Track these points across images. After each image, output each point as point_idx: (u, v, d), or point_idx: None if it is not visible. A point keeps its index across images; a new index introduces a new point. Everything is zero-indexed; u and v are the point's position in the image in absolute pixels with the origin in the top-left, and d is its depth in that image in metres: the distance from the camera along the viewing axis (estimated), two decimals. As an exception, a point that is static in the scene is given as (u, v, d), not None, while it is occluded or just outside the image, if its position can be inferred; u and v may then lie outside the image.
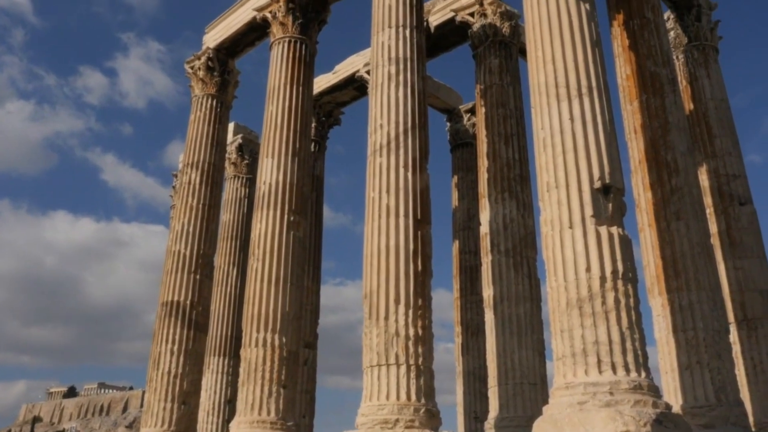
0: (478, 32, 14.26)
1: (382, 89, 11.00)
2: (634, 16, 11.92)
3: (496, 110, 13.34)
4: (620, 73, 12.10)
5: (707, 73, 13.92)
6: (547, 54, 8.96)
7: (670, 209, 10.80)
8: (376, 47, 11.51)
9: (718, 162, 13.23)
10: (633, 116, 11.65)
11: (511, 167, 12.81)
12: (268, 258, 12.17)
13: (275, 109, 13.35)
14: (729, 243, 12.68)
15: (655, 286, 10.81)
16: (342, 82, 17.98)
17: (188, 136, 15.95)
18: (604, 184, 8.17)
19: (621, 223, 8.21)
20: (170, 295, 14.25)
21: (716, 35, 14.50)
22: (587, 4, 9.21)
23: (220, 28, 16.35)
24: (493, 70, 13.75)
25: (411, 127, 10.68)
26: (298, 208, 12.75)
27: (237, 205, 19.17)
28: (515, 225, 12.34)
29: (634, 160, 11.62)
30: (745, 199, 13.04)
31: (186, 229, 14.77)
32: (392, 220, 10.03)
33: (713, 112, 13.60)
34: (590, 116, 8.46)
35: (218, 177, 15.81)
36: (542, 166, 8.63)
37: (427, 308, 9.81)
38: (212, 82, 16.26)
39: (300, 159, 13.08)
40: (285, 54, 13.82)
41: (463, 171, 17.79)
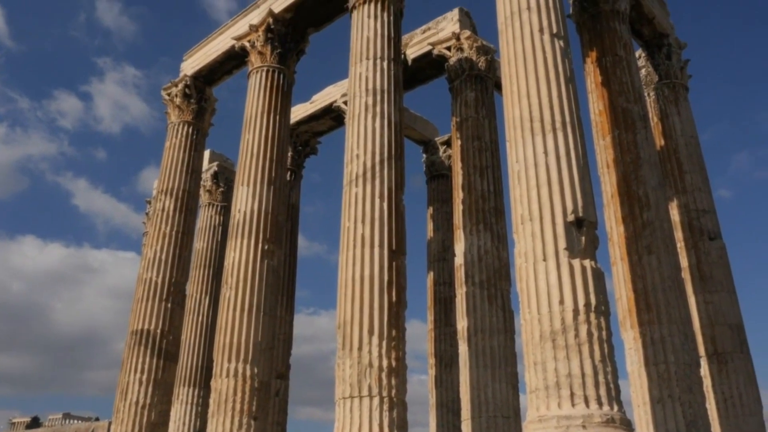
0: (455, 66, 14.46)
1: (359, 120, 11.07)
2: (607, 53, 12.18)
3: (472, 143, 13.47)
4: (593, 109, 12.32)
5: (677, 111, 14.22)
6: (522, 89, 9.10)
7: (641, 243, 10.93)
8: (353, 78, 11.60)
9: (688, 197, 13.46)
10: (606, 151, 11.83)
11: (486, 199, 12.90)
12: (242, 287, 12.05)
13: (252, 138, 13.35)
14: (699, 277, 12.84)
15: (627, 319, 10.88)
16: (319, 112, 18.05)
17: (163, 162, 15.84)
18: (578, 218, 8.26)
19: (594, 256, 8.29)
20: (140, 324, 14.02)
21: (686, 74, 14.86)
22: (561, 41, 9.41)
23: (199, 55, 16.38)
24: (469, 104, 13.92)
25: (387, 158, 10.73)
26: (273, 236, 12.68)
27: (211, 233, 19.01)
28: (490, 257, 12.40)
29: (606, 194, 11.77)
30: (714, 233, 13.25)
31: (158, 256, 14.60)
32: (367, 250, 10.01)
33: (683, 148, 13.87)
34: (564, 150, 8.58)
35: (193, 204, 15.69)
36: (516, 198, 8.71)
37: (401, 339, 9.76)
38: (189, 109, 16.23)
39: (276, 188, 13.05)
40: (263, 83, 13.87)
41: (439, 202, 17.87)
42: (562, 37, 9.47)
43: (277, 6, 14.26)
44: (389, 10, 12.03)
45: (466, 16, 15.22)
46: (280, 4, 14.25)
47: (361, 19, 11.97)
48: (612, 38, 12.23)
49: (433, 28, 15.50)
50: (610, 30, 12.28)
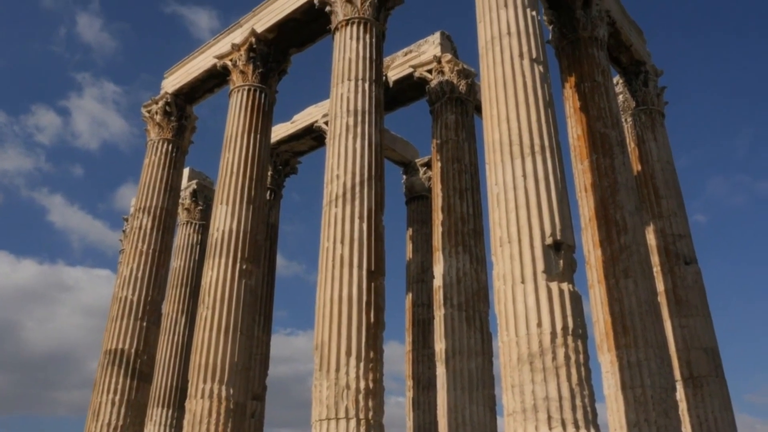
0: (436, 89, 14.58)
1: (340, 140, 11.08)
2: (586, 79, 12.35)
3: (452, 165, 13.54)
4: (572, 133, 12.45)
5: (654, 136, 14.43)
6: (501, 112, 9.19)
7: (618, 267, 11.01)
8: (335, 99, 11.63)
9: (664, 222, 13.61)
10: (584, 175, 11.95)
11: (465, 221, 12.95)
12: (219, 306, 11.93)
13: (232, 157, 13.30)
14: (675, 301, 12.95)
15: (604, 343, 10.92)
16: (300, 132, 18.06)
17: (141, 180, 15.72)
18: (556, 241, 8.31)
19: (571, 279, 8.33)
20: (114, 343, 13.80)
21: (662, 100, 15.11)
22: (541, 66, 9.53)
23: (180, 73, 16.34)
24: (449, 126, 14.01)
25: (367, 179, 10.74)
26: (251, 256, 12.59)
27: (188, 252, 18.84)
28: (468, 279, 12.41)
29: (584, 217, 11.87)
30: (690, 258, 13.39)
31: (134, 274, 14.42)
32: (346, 271, 9.97)
33: (660, 173, 14.06)
34: (543, 174, 8.65)
35: (170, 222, 15.56)
36: (495, 221, 8.74)
37: (378, 361, 9.70)
38: (169, 127, 16.15)
39: (255, 207, 12.99)
40: (244, 102, 13.86)
41: (418, 224, 17.90)
42: (541, 62, 9.60)
43: (260, 26, 14.32)
44: (371, 33, 12.12)
45: (448, 39, 15.38)
46: (262, 24, 14.31)
47: (344, 40, 12.04)
48: (590, 64, 12.41)
49: (414, 50, 15.64)
50: (588, 56, 12.47)
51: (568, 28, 12.79)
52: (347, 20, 12.16)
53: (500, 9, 9.92)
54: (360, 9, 12.19)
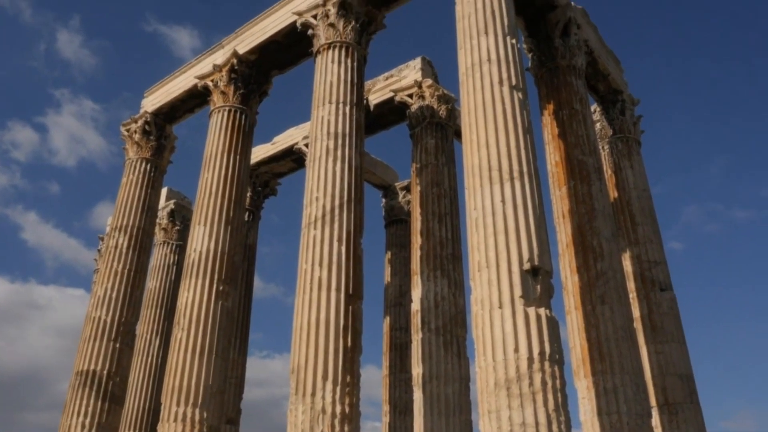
0: (416, 113, 14.68)
1: (320, 162, 11.09)
2: (564, 106, 12.51)
3: (431, 189, 13.59)
4: (550, 160, 12.58)
5: (630, 164, 14.63)
6: (481, 138, 9.26)
7: (595, 293, 11.07)
8: (315, 121, 11.66)
9: (640, 248, 13.75)
10: (561, 201, 12.05)
11: (444, 246, 12.97)
12: (194, 328, 11.78)
13: (211, 177, 13.24)
14: (651, 327, 13.04)
15: (581, 368, 10.94)
16: (280, 154, 18.05)
17: (119, 199, 15.58)
18: (533, 266, 8.35)
19: (549, 304, 8.35)
20: (86, 364, 13.55)
21: (639, 129, 15.35)
22: (520, 93, 9.65)
23: (160, 93, 16.30)
24: (429, 150, 14.09)
25: (347, 201, 10.74)
26: (228, 277, 12.49)
27: (165, 272, 18.62)
28: (446, 303, 12.40)
29: (561, 243, 11.95)
30: (665, 285, 13.52)
31: (109, 294, 14.23)
32: (324, 294, 9.92)
33: (636, 201, 14.23)
34: (521, 199, 8.71)
35: (147, 242, 15.41)
36: (474, 245, 8.77)
37: (355, 385, 9.62)
38: (148, 146, 16.06)
39: (233, 228, 12.91)
40: (224, 123, 13.84)
41: (397, 247, 17.90)
42: (520, 89, 9.71)
43: (242, 47, 14.36)
44: (353, 56, 12.21)
45: (429, 65, 15.53)
46: (244, 46, 14.35)
47: (325, 63, 12.11)
48: (569, 92, 12.58)
49: (396, 75, 15.76)
50: (567, 84, 12.65)
51: (547, 56, 12.98)
52: (329, 44, 12.24)
53: (481, 36, 10.05)
54: (342, 33, 12.29)
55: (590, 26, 14.25)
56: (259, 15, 14.31)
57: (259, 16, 14.30)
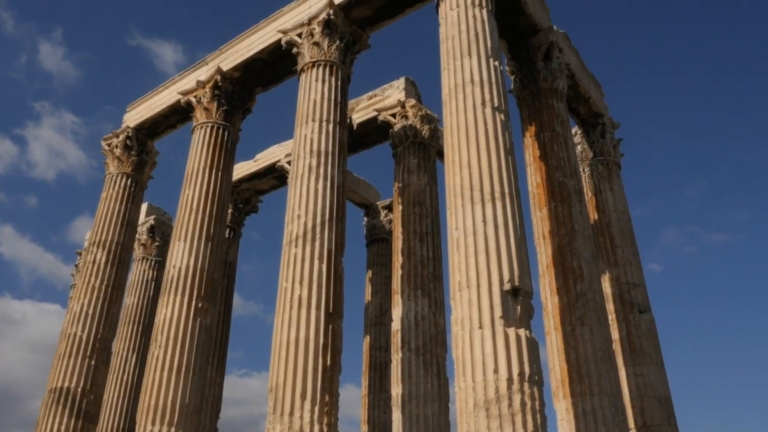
0: (399, 132, 14.74)
1: (302, 180, 11.08)
2: (545, 128, 12.62)
3: (413, 208, 13.61)
4: (531, 181, 12.67)
5: (610, 187, 14.77)
6: (463, 158, 9.31)
7: (575, 314, 11.11)
8: (298, 139, 11.66)
9: (619, 270, 13.85)
10: (542, 222, 12.12)
11: (425, 265, 12.97)
12: (171, 345, 11.64)
13: (192, 193, 13.17)
14: (629, 349, 13.10)
15: (560, 390, 10.94)
16: (262, 171, 18.02)
17: (98, 213, 15.43)
18: (514, 287, 8.37)
19: (529, 325, 8.36)
20: (60, 381, 13.32)
21: (619, 152, 15.52)
22: (502, 114, 9.73)
23: (143, 108, 16.23)
24: (411, 170, 14.14)
25: (328, 220, 10.72)
26: (208, 294, 12.38)
27: (143, 288, 18.42)
28: (427, 323, 12.37)
29: (542, 264, 12.00)
30: (644, 307, 13.61)
31: (85, 310, 14.03)
32: (303, 312, 9.87)
33: (615, 223, 14.35)
34: (502, 220, 8.75)
35: (126, 258, 15.25)
36: (455, 265, 8.78)
37: (334, 405, 9.55)
38: (129, 161, 15.96)
39: (213, 244, 12.82)
40: (207, 139, 13.80)
41: (378, 266, 17.87)
42: (503, 110, 9.80)
43: (226, 64, 14.36)
44: (337, 75, 12.26)
45: (412, 85, 15.63)
46: (229, 63, 14.36)
47: (309, 81, 12.14)
48: (550, 115, 12.71)
49: (379, 95, 15.83)
50: (548, 107, 12.78)
51: (530, 78, 13.13)
52: (313, 62, 12.29)
53: (464, 58, 10.15)
54: (327, 52, 12.34)
55: (572, 50, 14.45)
56: (243, 32, 14.35)
57: (243, 34, 14.34)
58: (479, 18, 10.53)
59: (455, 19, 10.60)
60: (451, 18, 10.68)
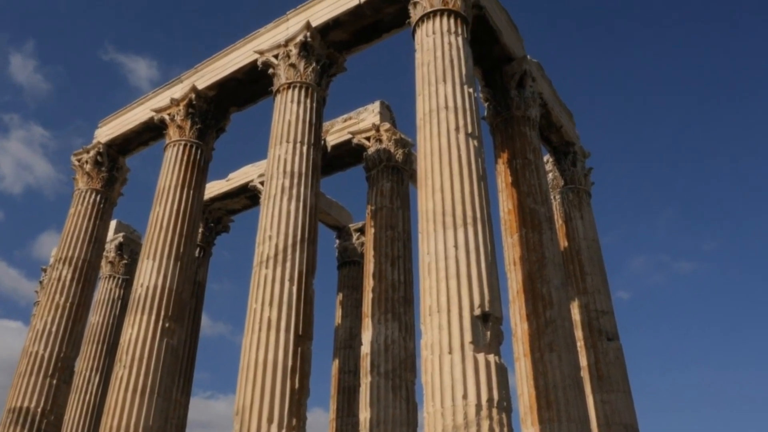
0: (373, 156, 14.79)
1: (275, 201, 11.03)
2: (518, 156, 12.76)
3: (385, 232, 13.62)
4: (503, 207, 12.77)
5: (581, 215, 14.95)
6: (436, 183, 9.36)
7: (544, 341, 11.16)
8: (272, 159, 11.64)
9: (588, 298, 13.97)
10: (513, 248, 12.20)
11: (396, 289, 12.95)
12: (136, 365, 11.42)
13: (163, 211, 13.03)
14: (597, 377, 13.17)
15: (528, 416, 10.94)
16: (235, 190, 17.91)
17: (65, 229, 15.17)
18: (484, 312, 8.39)
19: (498, 351, 8.38)
20: (20, 401, 12.97)
21: (589, 180, 15.74)
22: (475, 140, 9.82)
23: (115, 124, 16.08)
24: (384, 193, 14.17)
25: (300, 241, 10.68)
26: (175, 314, 12.20)
27: (109, 307, 18.10)
28: (396, 347, 12.32)
29: (512, 290, 12.06)
30: (612, 335, 13.72)
31: (48, 328, 13.72)
32: (272, 334, 9.76)
33: (585, 251, 14.51)
34: (474, 245, 8.79)
35: (92, 275, 14.98)
36: (426, 289, 8.78)
37: (301, 429, 9.42)
38: (99, 177, 15.76)
39: (183, 264, 12.67)
40: (179, 157, 13.70)
41: (349, 289, 17.80)
42: (476, 137, 9.89)
43: (202, 83, 14.32)
44: (312, 97, 12.29)
45: (387, 109, 15.73)
46: (204, 82, 14.32)
47: (284, 102, 12.15)
48: (523, 142, 12.86)
49: (354, 117, 15.90)
50: (521, 134, 12.93)
51: (503, 106, 13.29)
52: (289, 84, 12.31)
53: (439, 84, 10.25)
54: (303, 74, 12.38)
55: (545, 79, 14.68)
56: (220, 51, 14.34)
57: (219, 53, 14.33)
58: (455, 45, 10.67)
59: (431, 45, 10.72)
60: (427, 44, 10.81)
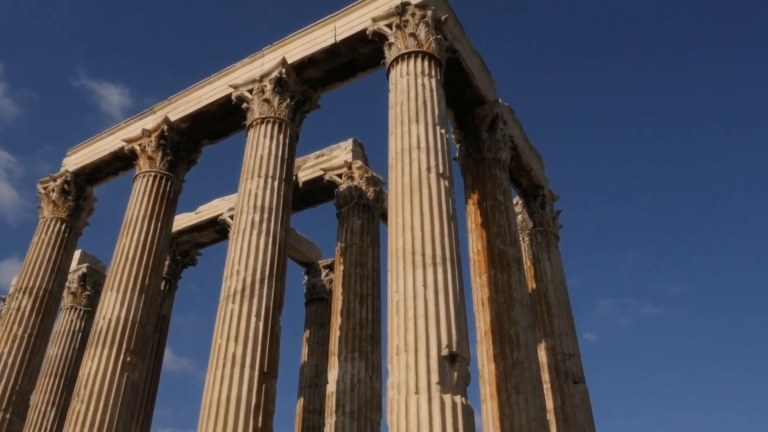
0: (344, 193, 14.81)
1: (244, 235, 10.95)
2: (488, 197, 12.89)
3: (354, 269, 13.58)
4: (472, 248, 12.83)
5: (549, 257, 15.09)
6: (407, 222, 9.39)
7: (511, 382, 11.13)
8: (243, 194, 11.58)
9: (555, 340, 14.02)
10: (481, 289, 12.23)
11: (364, 327, 12.87)
12: (94, 401, 11.10)
13: (129, 242, 12.84)
14: (563, 420, 13.15)
15: (493, 460, 10.85)
16: (204, 223, 17.76)
17: (27, 258, 14.83)
18: (451, 353, 8.35)
19: (465, 392, 8.32)
20: (-30, 436, 12.48)
21: (557, 223, 15.94)
22: (446, 181, 9.91)
23: (84, 152, 15.90)
24: (354, 231, 14.17)
25: (268, 276, 10.58)
26: (137, 348, 11.93)
27: (68, 339, 17.65)
28: (362, 386, 12.19)
29: (480, 331, 12.05)
30: (578, 378, 13.75)
31: (4, 360, 13.31)
32: (237, 371, 9.59)
33: (553, 293, 14.61)
34: (442, 285, 8.80)
35: (53, 306, 14.61)
36: (394, 329, 8.73)
37: (262, 469, 9.20)
38: (65, 206, 15.50)
39: (147, 296, 12.45)
40: (148, 188, 13.57)
41: (316, 326, 17.63)
42: (447, 177, 9.98)
43: (174, 114, 14.28)
44: (285, 133, 12.32)
45: (360, 147, 15.83)
46: (177, 113, 14.28)
47: (257, 137, 12.15)
48: (493, 184, 13.00)
49: (327, 154, 15.96)
50: (491, 176, 13.08)
51: (474, 148, 13.46)
52: (263, 119, 12.34)
53: (412, 124, 10.36)
54: (276, 109, 12.42)
55: (516, 123, 14.94)
56: (194, 84, 14.34)
57: (194, 86, 14.33)
58: (428, 86, 10.83)
59: (405, 86, 10.86)
60: (401, 85, 10.95)
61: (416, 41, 11.26)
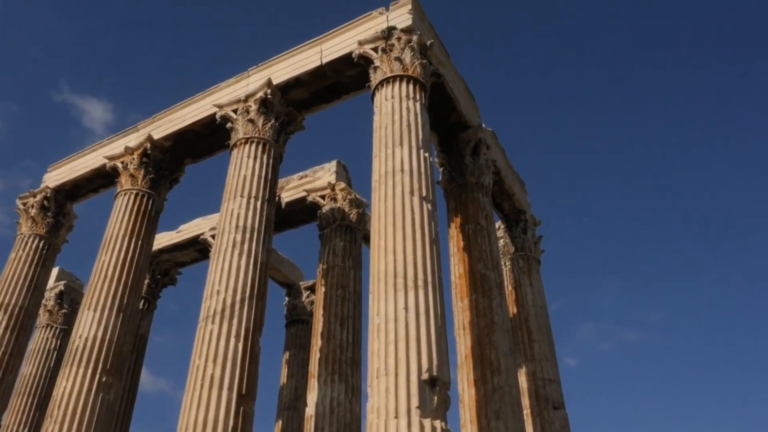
0: (327, 214, 14.80)
1: (225, 255, 10.88)
2: (470, 221, 12.93)
3: (336, 291, 13.52)
4: (454, 271, 12.83)
5: (530, 282, 15.14)
6: (389, 245, 9.39)
7: (491, 407, 11.09)
8: (225, 213, 11.53)
9: (536, 365, 14.01)
10: (463, 313, 12.22)
11: (344, 350, 12.78)
12: (68, 421, 10.90)
13: (108, 260, 12.70)
14: (543, 446, 13.10)
15: (472, 486, 10.76)
16: (185, 243, 17.63)
17: (3, 275, 14.61)
18: (432, 377, 8.31)
19: (444, 417, 8.27)
20: (-62, 456, 12.19)
21: (539, 248, 16.01)
22: (429, 204, 9.94)
23: (65, 169, 15.77)
24: (337, 252, 14.13)
25: (249, 297, 10.50)
26: (114, 368, 11.75)
27: (43, 358, 17.35)
28: (342, 409, 12.08)
29: (461, 355, 12.02)
30: (558, 403, 13.73)
31: (-24, 379, 13.04)
32: (215, 392, 9.47)
33: (534, 318, 14.63)
34: (424, 308, 8.78)
35: (29, 324, 14.38)
36: (374, 351, 8.68)
37: (238, 493, 9.06)
38: (44, 223, 15.33)
39: (125, 315, 12.29)
40: (130, 206, 13.46)
41: (296, 348, 17.49)
42: (430, 200, 10.01)
43: (158, 132, 14.23)
44: (269, 153, 12.31)
45: (343, 168, 15.85)
46: (161, 131, 14.23)
47: (241, 157, 12.13)
48: (475, 208, 13.06)
49: (310, 175, 15.96)
50: (474, 200, 13.14)
51: (457, 172, 13.53)
52: (247, 139, 12.33)
53: (396, 147, 10.40)
54: (261, 130, 12.43)
55: (499, 148, 15.06)
56: (179, 103, 14.32)
57: (179, 104, 14.31)
58: (412, 110, 10.90)
59: (389, 109, 10.93)
60: (385, 108, 11.01)
61: (401, 65, 11.35)
